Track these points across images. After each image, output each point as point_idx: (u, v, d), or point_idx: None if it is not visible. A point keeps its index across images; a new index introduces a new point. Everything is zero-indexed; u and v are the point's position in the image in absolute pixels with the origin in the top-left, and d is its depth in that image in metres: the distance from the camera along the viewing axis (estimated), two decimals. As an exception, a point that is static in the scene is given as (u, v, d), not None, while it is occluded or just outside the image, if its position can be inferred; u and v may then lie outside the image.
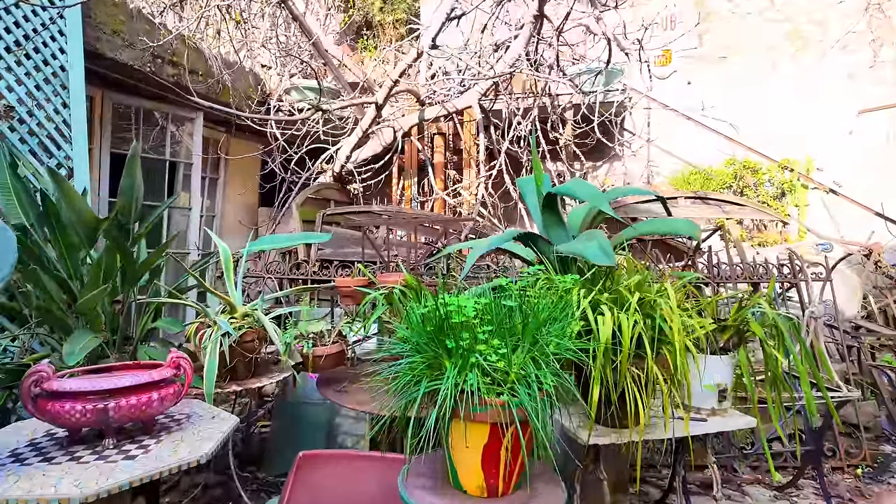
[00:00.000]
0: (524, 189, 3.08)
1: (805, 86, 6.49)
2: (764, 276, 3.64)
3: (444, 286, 2.52)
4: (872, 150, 6.37)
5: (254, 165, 6.30)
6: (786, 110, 6.36)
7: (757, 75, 6.66)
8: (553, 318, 1.80)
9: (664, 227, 2.50)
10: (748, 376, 2.38)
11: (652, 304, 2.06)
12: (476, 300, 1.73)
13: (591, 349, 1.96)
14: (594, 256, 2.11)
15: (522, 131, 4.61)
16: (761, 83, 6.51)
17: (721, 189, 5.79)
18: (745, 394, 2.44)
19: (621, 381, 2.02)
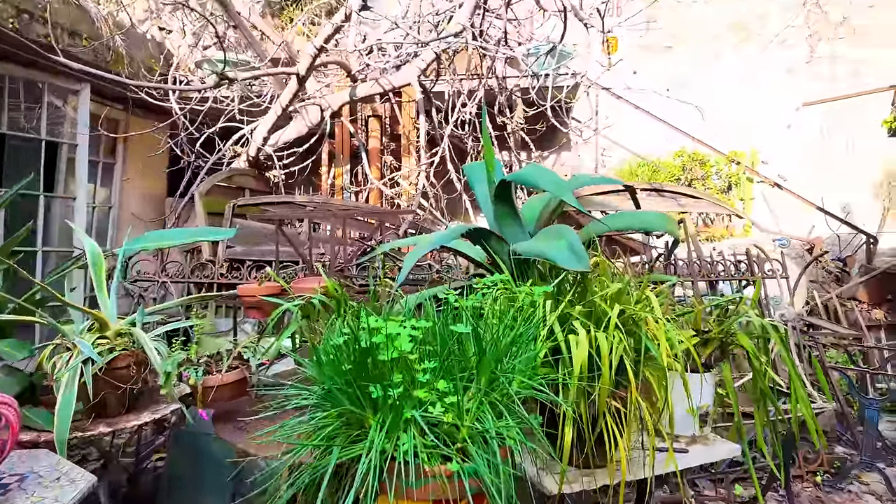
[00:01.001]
0: (472, 177, 2.61)
1: (748, 78, 6.42)
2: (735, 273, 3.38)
3: (375, 296, 2.01)
4: (810, 144, 6.40)
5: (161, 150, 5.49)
6: (731, 102, 6.25)
7: (702, 66, 6.52)
8: (516, 342, 1.34)
9: (636, 222, 2.13)
10: (735, 396, 2.04)
11: (635, 319, 1.65)
12: (414, 324, 1.24)
13: (561, 378, 1.53)
14: (564, 259, 1.67)
15: (467, 115, 4.17)
16: (707, 74, 6.36)
17: (669, 181, 5.60)
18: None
19: (599, 416, 1.60)
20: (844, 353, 3.94)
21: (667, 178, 5.66)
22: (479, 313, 1.43)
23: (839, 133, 6.40)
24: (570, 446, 1.54)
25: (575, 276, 1.75)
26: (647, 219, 2.07)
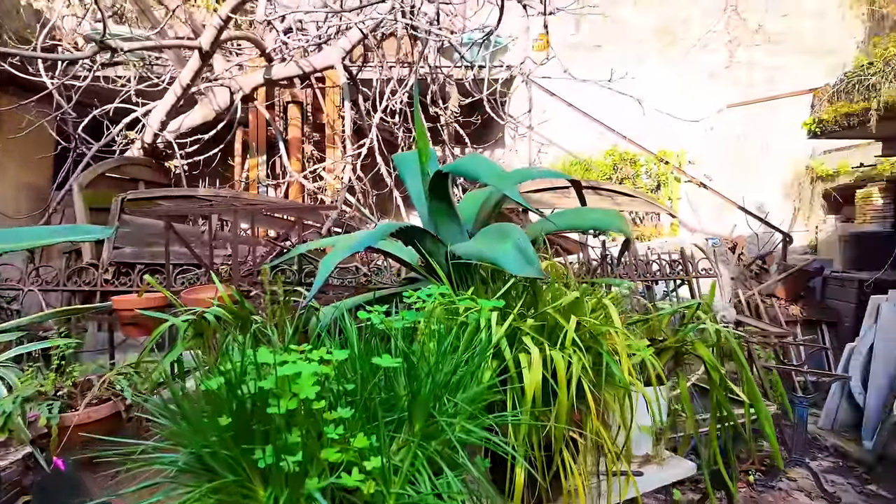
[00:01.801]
0: (403, 168, 2.30)
1: (675, 80, 6.53)
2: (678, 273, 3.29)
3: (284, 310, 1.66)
4: (730, 145, 6.61)
5: (45, 136, 4.73)
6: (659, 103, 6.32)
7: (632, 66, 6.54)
8: (459, 373, 1.05)
9: (588, 220, 1.91)
10: (691, 409, 1.87)
11: (593, 333, 1.42)
12: (324, 355, 0.92)
13: (511, 415, 1.27)
14: (511, 263, 1.41)
15: (398, 104, 3.85)
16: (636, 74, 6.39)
17: (601, 180, 5.56)
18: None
19: (556, 452, 1.35)
20: (772, 351, 4.00)
21: (599, 177, 5.63)
22: (410, 335, 1.13)
23: (756, 135, 6.66)
24: (522, 488, 1.28)
25: (524, 283, 1.49)
26: (599, 217, 1.86)
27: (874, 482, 3.45)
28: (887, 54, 3.49)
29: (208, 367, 1.17)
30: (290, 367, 0.83)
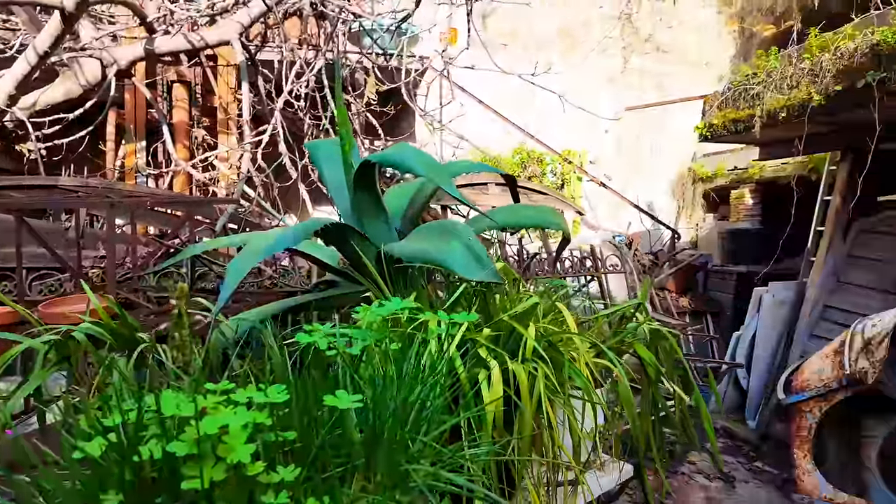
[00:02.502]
0: (319, 157, 2.05)
1: (576, 81, 6.73)
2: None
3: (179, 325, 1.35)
4: (625, 147, 6.98)
5: None
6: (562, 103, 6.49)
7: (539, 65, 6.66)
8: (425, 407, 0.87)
9: (523, 218, 1.80)
10: (631, 410, 1.84)
11: (551, 341, 1.29)
12: (253, 395, 0.68)
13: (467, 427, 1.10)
14: (462, 266, 1.24)
15: (303, 89, 3.51)
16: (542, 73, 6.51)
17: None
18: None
19: (518, 477, 1.21)
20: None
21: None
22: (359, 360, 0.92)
23: (648, 138, 7.09)
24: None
25: (474, 287, 1.33)
26: (536, 215, 1.75)
27: (759, 459, 3.77)
28: (769, 66, 3.81)
29: (82, 414, 0.87)
30: (212, 420, 0.59)
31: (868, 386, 2.54)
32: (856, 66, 3.11)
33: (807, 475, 2.64)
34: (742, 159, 6.70)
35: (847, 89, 3.15)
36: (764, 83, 3.85)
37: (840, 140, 3.85)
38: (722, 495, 3.24)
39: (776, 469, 3.57)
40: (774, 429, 3.79)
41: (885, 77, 2.92)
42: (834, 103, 3.25)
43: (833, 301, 3.83)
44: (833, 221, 4.05)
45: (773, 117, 3.75)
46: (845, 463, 2.92)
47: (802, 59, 3.55)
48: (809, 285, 4.07)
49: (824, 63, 3.32)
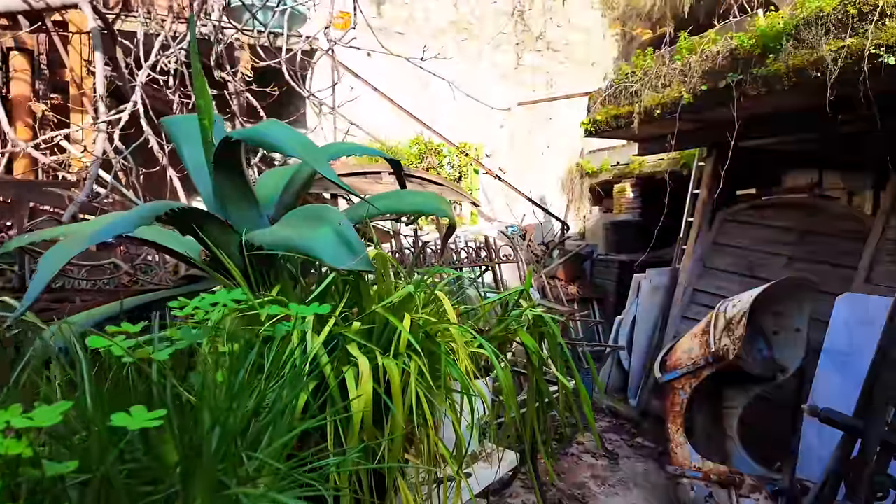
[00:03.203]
0: (178, 135, 1.81)
1: (472, 74, 6.79)
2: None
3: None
4: (519, 141, 7.17)
5: None
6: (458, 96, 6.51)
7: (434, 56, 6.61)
8: (263, 412, 0.74)
9: (409, 204, 1.71)
10: (515, 400, 1.82)
11: (429, 333, 1.21)
12: (10, 422, 0.52)
13: (332, 432, 1.00)
14: (332, 254, 1.12)
15: (171, 63, 3.15)
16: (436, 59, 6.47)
17: (409, 167, 5.50)
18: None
19: (390, 481, 1.11)
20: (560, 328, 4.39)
21: (406, 164, 5.56)
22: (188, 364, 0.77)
23: (540, 134, 7.32)
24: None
25: (345, 278, 1.22)
26: (423, 201, 1.67)
27: (640, 435, 4.02)
28: (646, 66, 4.06)
29: None
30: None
31: (730, 361, 2.76)
32: (718, 67, 3.38)
33: (679, 447, 2.83)
34: (624, 155, 7.15)
35: (711, 89, 3.41)
36: (641, 81, 4.09)
37: (706, 137, 4.19)
38: (607, 472, 3.41)
39: (654, 444, 3.83)
40: (652, 406, 4.07)
41: (743, 79, 3.19)
42: (701, 102, 3.51)
43: (701, 285, 4.17)
44: (700, 212, 4.42)
45: (649, 114, 3.99)
46: (710, 433, 3.18)
47: (674, 60, 3.80)
48: (681, 271, 4.40)
49: (692, 64, 3.58)
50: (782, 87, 3.00)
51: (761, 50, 3.10)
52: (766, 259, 3.78)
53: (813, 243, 3.57)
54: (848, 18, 2.71)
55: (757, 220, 4.01)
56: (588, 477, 3.34)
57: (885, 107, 2.73)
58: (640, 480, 3.32)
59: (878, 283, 3.02)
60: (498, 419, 2.02)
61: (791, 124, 3.64)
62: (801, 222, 3.71)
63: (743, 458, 2.97)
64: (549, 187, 7.75)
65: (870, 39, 2.60)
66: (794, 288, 2.97)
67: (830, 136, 4.05)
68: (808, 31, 2.88)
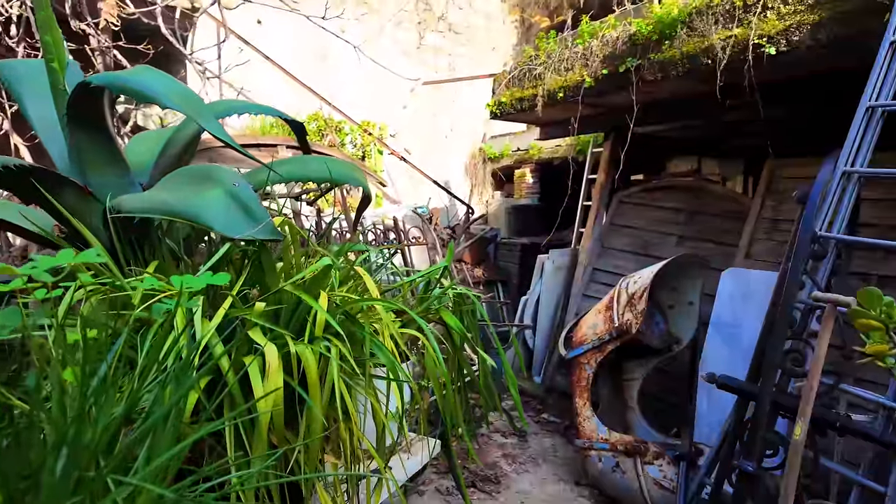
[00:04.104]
0: (19, 83, 1.46)
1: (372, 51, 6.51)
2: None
3: None
4: (423, 123, 7.04)
5: None
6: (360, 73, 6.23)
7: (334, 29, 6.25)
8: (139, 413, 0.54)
9: (316, 171, 1.51)
10: (437, 384, 1.71)
11: (349, 313, 1.05)
12: None
13: (233, 437, 0.82)
14: (225, 221, 0.92)
15: (14, 12, 2.58)
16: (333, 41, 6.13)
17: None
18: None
19: (307, 487, 0.94)
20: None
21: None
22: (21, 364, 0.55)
23: (445, 116, 7.25)
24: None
25: (244, 249, 1.01)
26: (332, 168, 1.47)
27: (545, 411, 4.12)
28: (549, 49, 4.10)
29: None
30: None
31: (632, 335, 2.87)
32: (618, 52, 3.47)
33: (587, 420, 2.91)
34: (524, 141, 7.30)
35: (612, 73, 3.51)
36: (545, 64, 4.13)
37: (606, 122, 4.34)
38: (517, 450, 3.44)
39: (559, 419, 3.94)
40: (557, 382, 4.18)
41: (641, 64, 3.31)
42: (602, 86, 3.60)
43: (600, 264, 4.35)
44: (598, 195, 4.59)
45: (553, 97, 4.04)
46: (614, 405, 3.32)
47: (576, 44, 3.87)
48: (581, 251, 4.56)
49: (594, 48, 3.66)
50: (677, 73, 3.14)
51: (658, 36, 3.22)
52: (658, 238, 4.00)
53: (699, 223, 3.83)
54: (734, 9, 2.88)
55: (649, 202, 4.24)
56: (499, 456, 3.34)
57: (766, 96, 2.95)
58: (549, 456, 3.38)
59: (757, 258, 3.30)
60: (415, 406, 1.90)
61: (681, 111, 3.86)
62: (688, 204, 3.97)
63: (644, 428, 3.12)
64: (453, 171, 7.73)
65: (753, 30, 2.78)
66: (688, 264, 3.15)
67: (713, 124, 4.38)
68: (699, 19, 3.03)
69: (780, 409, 2.00)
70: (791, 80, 3.00)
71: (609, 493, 2.79)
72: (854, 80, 2.28)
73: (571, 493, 2.94)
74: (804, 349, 2.10)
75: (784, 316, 2.01)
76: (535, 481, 3.05)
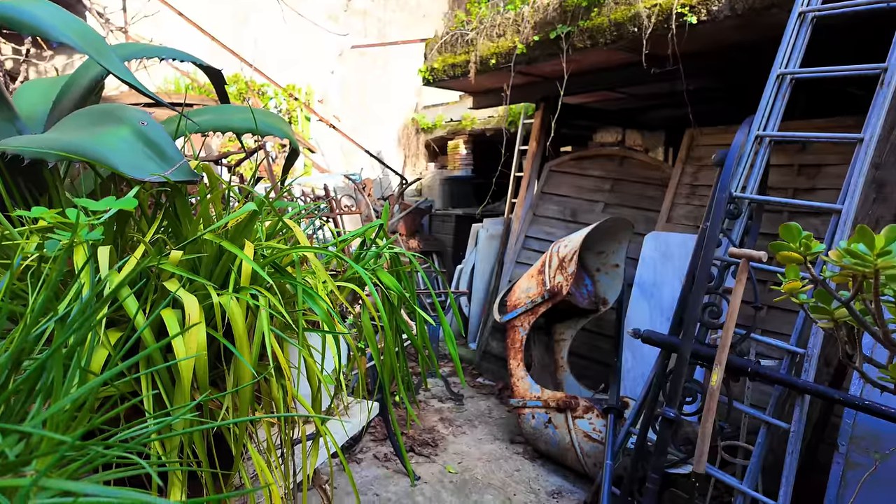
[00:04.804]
0: None
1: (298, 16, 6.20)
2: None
3: None
4: (352, 90, 6.82)
5: None
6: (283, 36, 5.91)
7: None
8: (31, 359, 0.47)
9: (238, 121, 1.39)
10: (375, 345, 1.67)
11: (278, 264, 0.98)
12: None
13: (151, 397, 0.75)
14: (131, 162, 0.82)
15: None
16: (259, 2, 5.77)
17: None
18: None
19: (237, 448, 0.88)
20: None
21: (224, 107, 4.89)
22: None
23: (376, 84, 7.05)
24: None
25: (161, 189, 0.91)
26: (259, 119, 1.36)
27: (480, 375, 4.20)
28: (481, 14, 4.06)
29: None
30: None
31: (563, 297, 2.96)
32: (549, 19, 3.49)
33: (521, 381, 2.99)
34: (457, 112, 7.26)
35: (543, 40, 3.52)
36: (477, 30, 4.08)
37: (538, 91, 4.38)
38: (454, 414, 3.49)
39: (494, 382, 4.04)
40: (491, 347, 4.27)
41: (571, 31, 3.34)
42: (533, 53, 3.61)
43: (532, 232, 4.43)
44: (530, 164, 4.65)
45: (485, 63, 4.01)
46: (546, 365, 3.43)
47: (508, 10, 3.85)
48: (513, 220, 4.63)
49: (525, 14, 3.65)
50: (605, 41, 3.20)
51: (587, 3, 3.26)
52: (587, 206, 4.13)
53: (624, 190, 3.98)
54: (659, -22, 2.96)
55: (578, 171, 4.35)
56: (437, 420, 3.38)
57: (687, 66, 3.08)
58: (484, 417, 3.46)
59: (677, 222, 3.48)
60: (353, 371, 1.86)
61: (609, 81, 3.96)
62: (614, 172, 4.11)
63: (574, 385, 3.26)
64: (385, 142, 7.58)
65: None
66: (614, 228, 3.27)
67: (637, 96, 4.54)
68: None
69: (699, 359, 2.13)
70: (711, 51, 3.14)
71: (542, 447, 2.90)
72: (768, 50, 2.41)
73: (507, 450, 3.03)
74: (720, 303, 2.24)
75: (704, 272, 2.13)
76: (471, 442, 3.12)
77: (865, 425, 1.88)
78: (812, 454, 2.30)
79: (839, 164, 2.88)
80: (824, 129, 2.97)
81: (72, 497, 0.41)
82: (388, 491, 2.61)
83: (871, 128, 1.96)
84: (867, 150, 1.95)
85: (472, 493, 2.61)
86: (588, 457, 2.66)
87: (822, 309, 0.85)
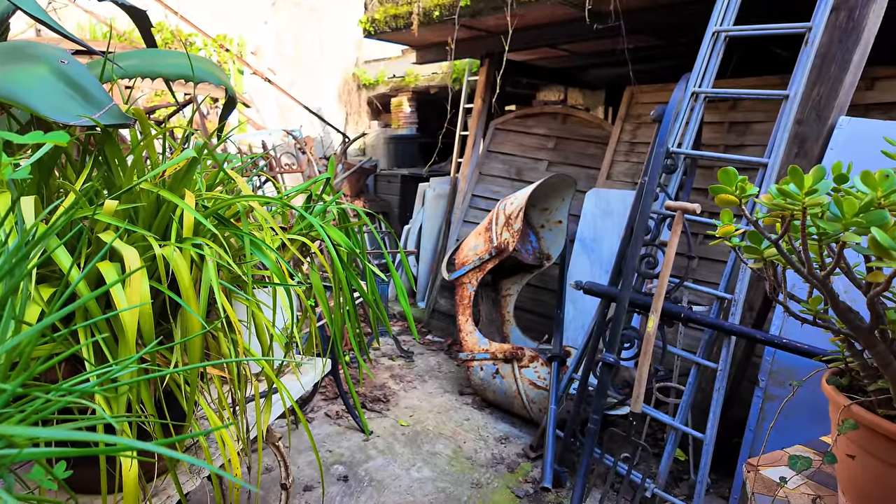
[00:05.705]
0: None
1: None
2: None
3: None
4: (288, 43, 6.48)
5: None
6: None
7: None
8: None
9: (167, 66, 1.29)
10: (325, 304, 1.65)
11: (223, 217, 0.93)
12: None
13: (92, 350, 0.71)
14: (50, 104, 0.74)
15: None
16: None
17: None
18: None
19: (189, 403, 0.86)
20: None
21: (148, 58, 4.52)
22: None
23: (313, 37, 6.72)
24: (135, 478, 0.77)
25: (90, 133, 0.84)
26: (188, 64, 1.26)
27: (429, 333, 4.27)
28: (425, -37, 3.91)
29: None
30: None
31: (509, 253, 3.02)
32: (494, -30, 3.41)
33: (469, 335, 3.06)
34: (400, 68, 7.06)
35: (487, -8, 3.45)
36: (421, -20, 3.94)
37: (482, 46, 4.31)
38: (404, 371, 3.54)
39: (442, 339, 4.11)
40: (440, 305, 4.32)
41: (516, -17, 3.28)
42: (478, 5, 3.54)
43: (478, 191, 4.46)
44: (475, 122, 4.63)
45: (428, 15, 3.90)
46: (493, 319, 3.52)
47: (452, -41, 3.72)
48: (460, 179, 4.63)
49: (470, -35, 3.55)
50: (550, -5, 3.18)
51: (533, -46, 3.20)
52: (531, 164, 4.18)
53: (567, 148, 4.05)
54: (603, -68, 2.94)
55: (523, 129, 4.37)
56: (387, 377, 3.42)
57: (629, 22, 3.11)
58: (434, 372, 3.53)
59: (617, 178, 3.60)
60: (303, 330, 1.84)
61: (552, 38, 3.95)
62: (557, 130, 4.16)
63: (519, 336, 3.37)
64: (325, 98, 7.30)
65: (619, -46, 2.88)
66: (558, 186, 3.34)
67: (580, 53, 4.57)
68: (571, -61, 3.06)
69: (636, 308, 2.25)
70: (652, 6, 3.18)
71: (490, 397, 3.01)
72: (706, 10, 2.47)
73: (457, 402, 3.12)
74: (656, 254, 2.36)
75: (642, 224, 2.22)
76: (422, 396, 3.19)
77: (782, 361, 2.07)
78: (735, 391, 2.50)
79: (765, 122, 3.04)
80: (753, 87, 3.12)
81: (15, 448, 0.39)
82: (340, 447, 2.64)
83: (795, 84, 2.07)
84: (792, 107, 2.06)
85: (423, 444, 2.68)
86: (533, 403, 2.79)
87: (753, 249, 0.91)
